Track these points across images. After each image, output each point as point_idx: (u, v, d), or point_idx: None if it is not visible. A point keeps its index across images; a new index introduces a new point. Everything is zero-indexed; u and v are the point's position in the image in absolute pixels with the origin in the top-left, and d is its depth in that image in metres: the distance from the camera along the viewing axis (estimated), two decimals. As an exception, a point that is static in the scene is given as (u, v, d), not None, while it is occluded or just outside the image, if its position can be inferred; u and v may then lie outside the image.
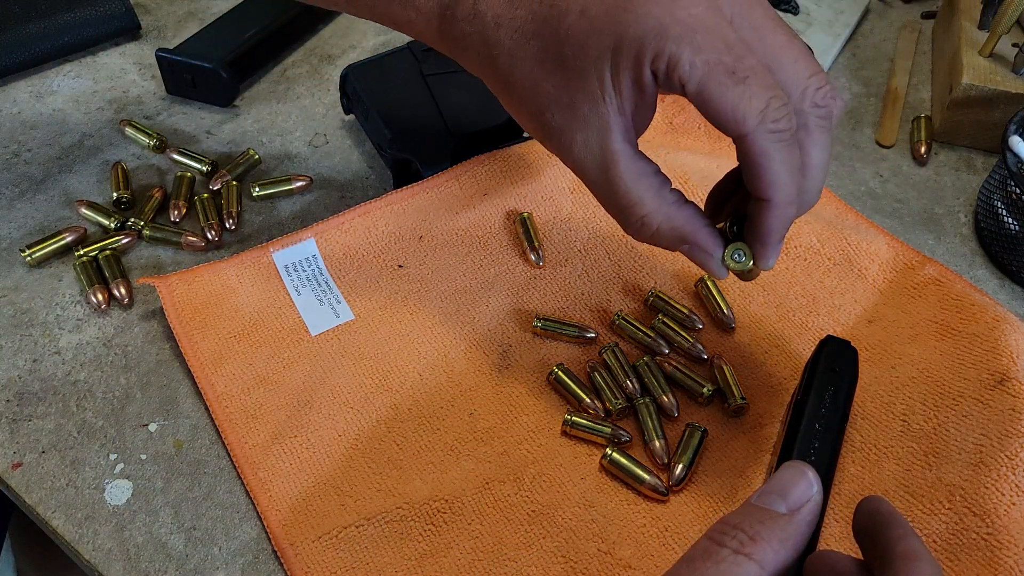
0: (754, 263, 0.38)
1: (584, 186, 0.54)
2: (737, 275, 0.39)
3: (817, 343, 0.44)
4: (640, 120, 0.36)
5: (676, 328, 0.48)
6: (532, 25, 0.36)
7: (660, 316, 0.49)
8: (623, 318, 0.49)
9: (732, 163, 0.56)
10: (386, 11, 0.41)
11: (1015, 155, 0.52)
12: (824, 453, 0.40)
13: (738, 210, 0.40)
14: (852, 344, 0.43)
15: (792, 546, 0.28)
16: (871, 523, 0.30)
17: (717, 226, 0.38)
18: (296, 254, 0.51)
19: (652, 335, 0.48)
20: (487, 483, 0.43)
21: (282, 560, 0.40)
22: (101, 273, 0.51)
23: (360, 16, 0.43)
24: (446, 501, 0.42)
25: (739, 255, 0.38)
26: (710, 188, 0.53)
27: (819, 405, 0.41)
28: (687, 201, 0.37)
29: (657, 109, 0.61)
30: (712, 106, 0.33)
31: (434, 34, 0.40)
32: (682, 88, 0.33)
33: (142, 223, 0.54)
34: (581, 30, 0.34)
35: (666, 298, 0.50)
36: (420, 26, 0.40)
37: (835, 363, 0.42)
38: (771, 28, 0.36)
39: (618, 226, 0.54)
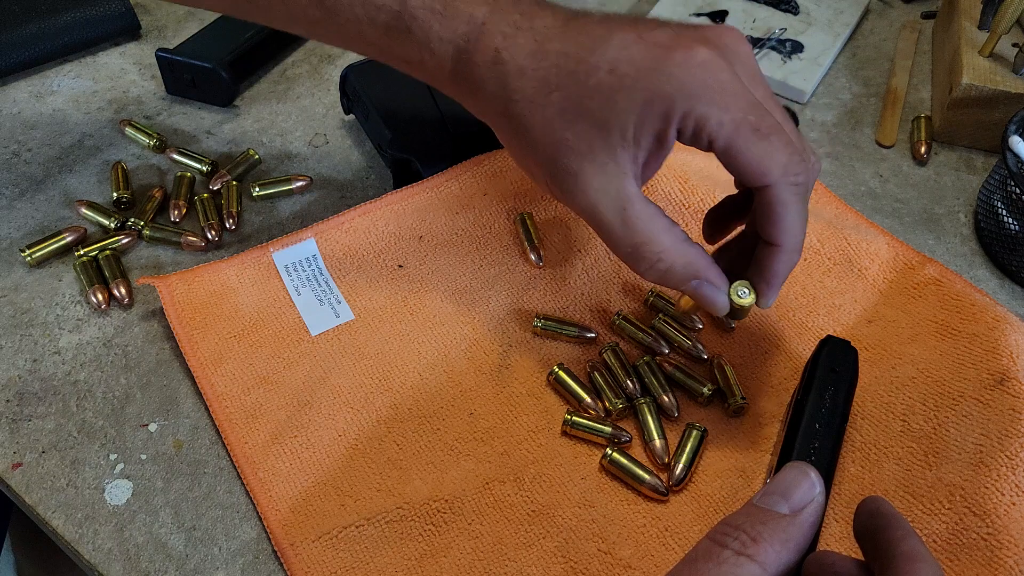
0: (756, 301, 0.40)
1: None
2: (733, 312, 0.41)
3: (817, 343, 0.44)
4: (649, 171, 0.40)
5: (676, 327, 0.48)
6: (556, 78, 0.37)
7: (660, 315, 0.49)
8: (623, 318, 0.49)
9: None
10: (398, 52, 0.42)
11: (1015, 155, 0.52)
12: (824, 453, 0.40)
13: (735, 248, 0.44)
14: (852, 344, 0.43)
15: (794, 547, 0.28)
16: (872, 524, 0.30)
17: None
18: (296, 254, 0.51)
19: (652, 335, 0.48)
20: (487, 483, 0.43)
21: (282, 560, 0.40)
22: (101, 273, 0.51)
23: (368, 56, 0.44)
24: (446, 501, 0.42)
25: (743, 292, 0.40)
26: (710, 188, 0.53)
27: (819, 405, 0.41)
28: (694, 241, 0.40)
29: None
30: (739, 160, 0.37)
31: (446, 76, 0.41)
32: (710, 144, 0.37)
33: (142, 223, 0.54)
34: (609, 86, 0.36)
35: (667, 298, 0.50)
36: (431, 67, 0.41)
37: (835, 363, 0.42)
38: (773, 100, 0.39)
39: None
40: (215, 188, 0.56)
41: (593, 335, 0.48)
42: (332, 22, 0.42)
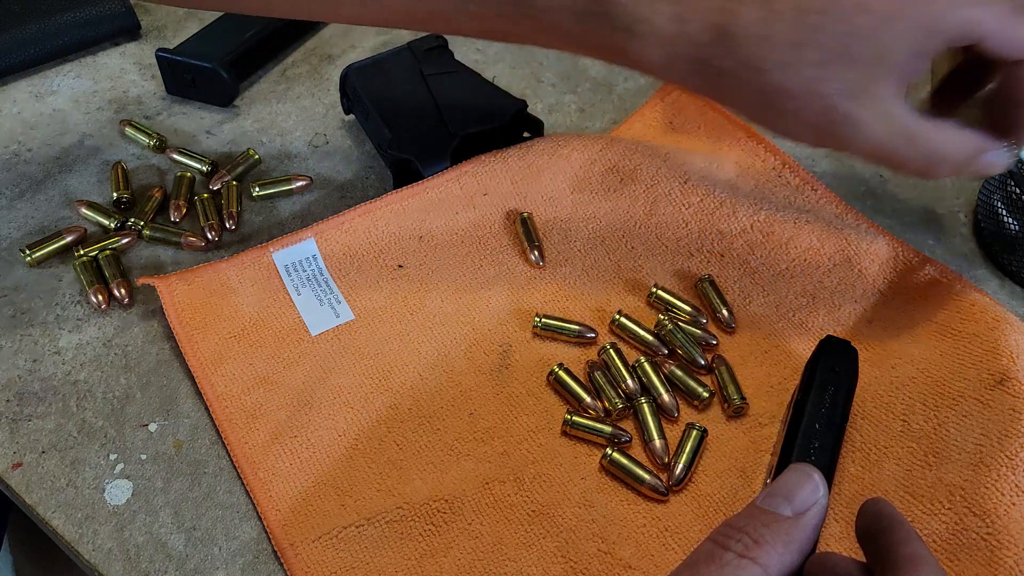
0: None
1: (584, 186, 0.54)
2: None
3: (817, 343, 0.44)
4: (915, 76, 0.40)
5: (685, 319, 0.49)
6: (803, 35, 0.37)
7: (667, 313, 0.49)
8: (624, 316, 0.49)
9: (732, 163, 0.56)
10: (596, 40, 0.40)
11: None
12: (824, 453, 0.40)
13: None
14: (852, 344, 0.43)
15: (797, 550, 0.28)
16: (874, 526, 0.30)
17: None
18: (296, 254, 0.51)
19: (653, 333, 0.48)
20: (487, 483, 0.43)
21: (282, 560, 0.40)
22: (101, 273, 0.51)
23: (562, 49, 0.42)
24: (446, 501, 0.42)
25: (1013, 146, 0.42)
26: (710, 188, 0.53)
27: (819, 405, 0.41)
28: (952, 124, 0.40)
29: (657, 109, 0.61)
30: (1007, 46, 0.37)
31: (657, 62, 0.39)
32: (982, 40, 0.37)
33: (142, 223, 0.54)
34: (869, 26, 0.36)
35: (670, 292, 0.50)
36: (637, 54, 0.39)
37: (835, 363, 0.42)
38: None
39: (618, 226, 0.54)
40: (215, 188, 0.56)
41: (593, 335, 0.48)
42: (524, 15, 0.40)
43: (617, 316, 0.49)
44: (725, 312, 0.49)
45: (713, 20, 0.37)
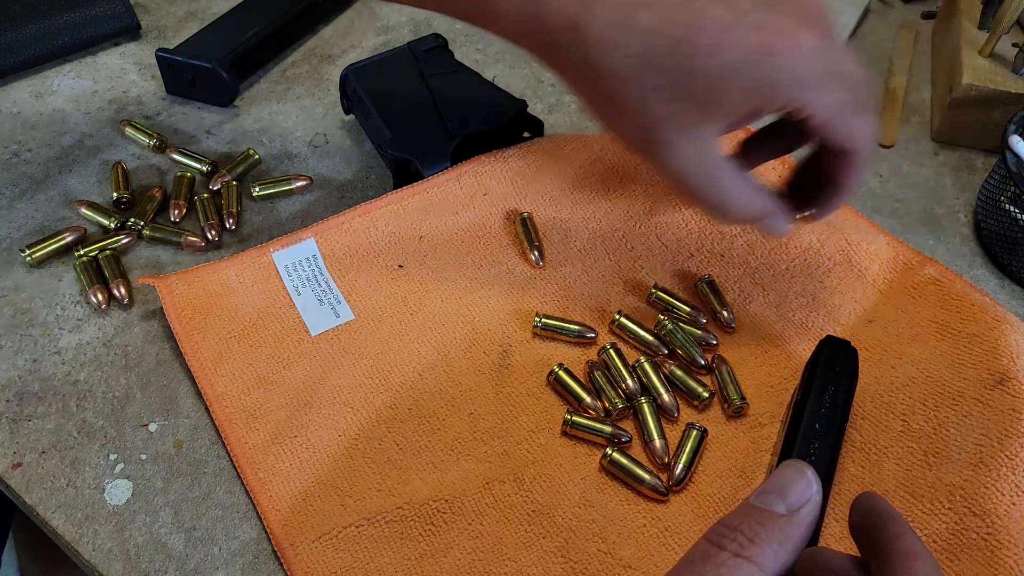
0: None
1: (584, 186, 0.54)
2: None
3: (817, 343, 0.44)
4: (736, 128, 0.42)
5: (685, 319, 0.49)
6: (650, 56, 0.37)
7: (667, 313, 0.49)
8: (624, 316, 0.49)
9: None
10: (469, 9, 0.41)
11: (1015, 155, 0.52)
12: (824, 453, 0.40)
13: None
14: (852, 344, 0.43)
15: (792, 547, 0.28)
16: (867, 520, 0.29)
17: None
18: (296, 254, 0.51)
19: (653, 333, 0.48)
20: (487, 483, 0.43)
21: (282, 560, 0.40)
22: (101, 273, 0.51)
23: (452, 15, 0.43)
24: (446, 501, 0.42)
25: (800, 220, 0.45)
26: None
27: (819, 405, 0.41)
28: (753, 182, 0.42)
29: None
30: (834, 135, 0.39)
31: (523, 40, 0.40)
32: (806, 121, 0.39)
33: (142, 223, 0.54)
34: (712, 72, 0.37)
35: (669, 292, 0.50)
36: (503, 28, 0.40)
37: (835, 363, 0.42)
38: (845, 51, 0.41)
39: (618, 226, 0.54)
40: (215, 188, 0.56)
41: (593, 335, 0.48)
42: None
43: (617, 316, 0.49)
44: (725, 312, 0.49)
45: (569, 11, 0.37)
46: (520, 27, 0.39)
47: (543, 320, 0.48)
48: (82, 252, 0.52)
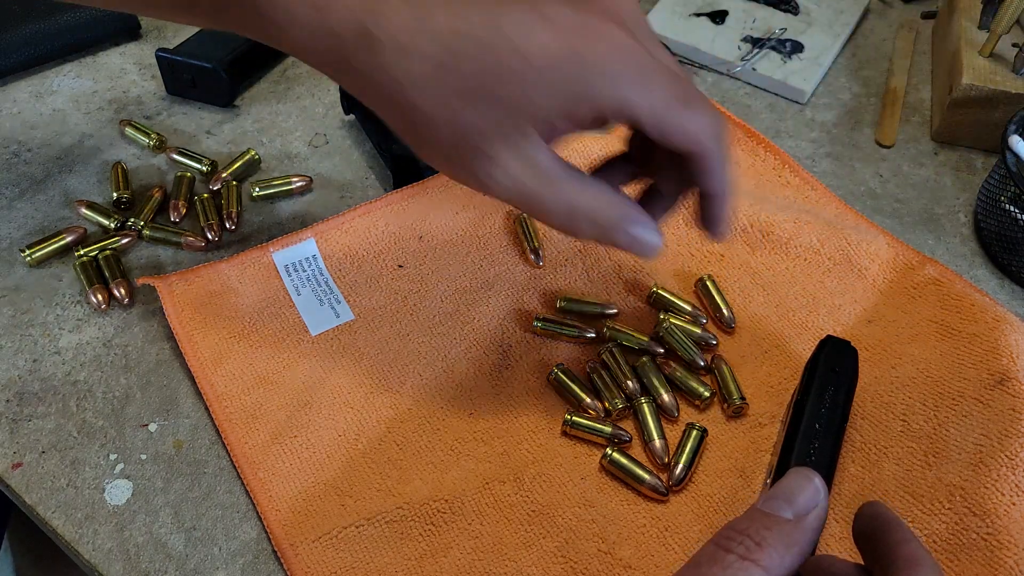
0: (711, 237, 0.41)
1: None
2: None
3: (817, 343, 0.44)
4: (562, 136, 0.38)
5: (685, 319, 0.49)
6: (450, 59, 0.35)
7: (667, 313, 0.49)
8: (614, 328, 0.48)
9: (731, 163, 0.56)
10: (236, 19, 0.37)
11: (1015, 155, 0.52)
12: (824, 453, 0.40)
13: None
14: (852, 344, 0.43)
15: (798, 552, 0.28)
16: (872, 527, 0.30)
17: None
18: (296, 254, 0.51)
19: (653, 334, 0.48)
20: (487, 483, 0.43)
21: (282, 560, 0.40)
22: (101, 273, 0.51)
23: (202, 26, 0.40)
24: (446, 501, 0.42)
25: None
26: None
27: (819, 405, 0.41)
28: (601, 183, 0.38)
29: None
30: (670, 134, 0.36)
31: (304, 50, 0.37)
32: (635, 123, 0.35)
33: (142, 223, 0.54)
34: (518, 71, 0.34)
35: (670, 292, 0.50)
36: (279, 37, 0.37)
37: (835, 363, 0.42)
38: (663, 50, 0.38)
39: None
40: (215, 188, 0.56)
41: (593, 335, 0.48)
42: None
43: (608, 327, 0.48)
44: (725, 312, 0.49)
45: (357, 17, 0.34)
46: (306, 41, 0.35)
47: (543, 321, 0.48)
48: (82, 252, 0.52)
